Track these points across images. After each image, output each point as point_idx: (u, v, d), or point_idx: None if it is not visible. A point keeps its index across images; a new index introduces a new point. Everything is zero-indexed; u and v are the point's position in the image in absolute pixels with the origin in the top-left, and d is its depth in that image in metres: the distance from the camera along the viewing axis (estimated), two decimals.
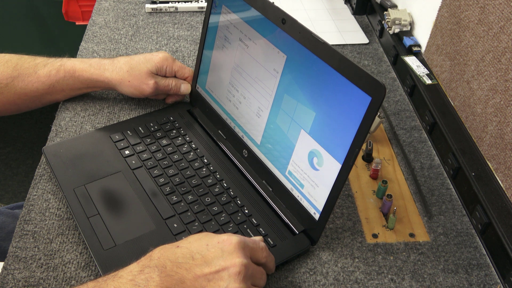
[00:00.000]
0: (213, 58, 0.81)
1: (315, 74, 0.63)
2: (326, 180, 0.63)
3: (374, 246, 0.69)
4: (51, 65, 0.80)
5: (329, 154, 0.62)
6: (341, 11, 1.19)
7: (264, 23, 0.69)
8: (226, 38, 0.77)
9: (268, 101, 0.70)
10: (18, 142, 2.19)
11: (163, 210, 0.69)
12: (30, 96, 0.81)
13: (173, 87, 0.84)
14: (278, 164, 0.71)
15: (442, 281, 0.65)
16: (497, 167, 0.71)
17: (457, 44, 0.82)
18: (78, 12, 1.56)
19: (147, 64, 0.81)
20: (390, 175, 0.79)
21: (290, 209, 0.70)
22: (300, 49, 0.64)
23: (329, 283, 0.64)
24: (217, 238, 0.54)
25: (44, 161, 0.76)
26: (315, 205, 0.66)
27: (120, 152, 0.76)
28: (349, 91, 0.59)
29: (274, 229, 0.68)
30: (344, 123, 0.60)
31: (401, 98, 0.95)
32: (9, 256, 0.64)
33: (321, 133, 0.63)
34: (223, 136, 0.80)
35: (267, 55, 0.69)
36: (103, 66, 0.81)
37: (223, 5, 0.76)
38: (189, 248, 0.53)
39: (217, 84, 0.81)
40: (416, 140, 0.86)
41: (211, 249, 0.53)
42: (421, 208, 0.74)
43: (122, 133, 0.79)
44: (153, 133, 0.80)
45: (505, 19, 0.69)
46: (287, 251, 0.65)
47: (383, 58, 1.06)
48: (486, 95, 0.74)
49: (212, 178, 0.74)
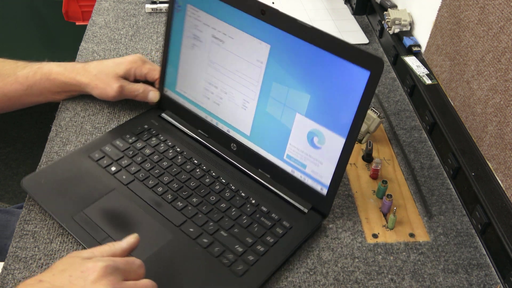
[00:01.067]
0: (182, 59, 0.79)
1: (306, 59, 0.65)
2: (330, 155, 0.66)
3: (374, 246, 0.69)
4: (30, 68, 0.82)
5: (331, 131, 0.65)
6: (341, 11, 1.19)
7: (240, 16, 0.69)
8: (196, 37, 0.75)
9: (254, 92, 0.71)
10: (18, 142, 2.19)
11: (173, 217, 0.67)
12: (9, 97, 0.82)
13: (140, 94, 0.82)
14: (273, 151, 0.72)
15: (442, 281, 0.65)
16: (497, 167, 0.71)
17: (457, 44, 0.82)
18: (78, 12, 1.56)
19: (116, 68, 0.82)
20: (390, 175, 0.79)
21: (294, 191, 0.71)
22: (285, 36, 0.65)
23: (329, 283, 0.64)
24: (81, 267, 0.51)
25: (35, 187, 0.70)
26: (321, 181, 0.68)
27: (107, 170, 0.73)
28: (346, 70, 0.61)
29: (284, 212, 0.70)
30: (343, 100, 0.63)
31: (401, 98, 0.95)
32: (9, 256, 0.64)
33: (319, 113, 0.66)
34: (205, 134, 0.80)
35: (247, 48, 0.70)
36: (76, 70, 0.83)
37: (188, 4, 0.74)
38: (51, 283, 0.50)
39: (191, 84, 0.79)
40: (416, 140, 0.86)
41: (74, 281, 0.49)
42: (421, 208, 0.74)
43: (101, 150, 0.75)
44: (132, 144, 0.77)
45: (505, 19, 0.69)
46: (303, 230, 0.68)
47: (383, 58, 1.06)
48: (486, 95, 0.74)
49: (209, 177, 0.74)
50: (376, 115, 0.80)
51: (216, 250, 0.64)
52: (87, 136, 0.81)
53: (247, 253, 0.64)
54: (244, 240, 0.65)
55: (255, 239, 0.65)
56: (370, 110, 0.81)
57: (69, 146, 0.79)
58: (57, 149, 0.78)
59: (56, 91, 0.84)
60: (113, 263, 0.51)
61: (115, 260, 0.52)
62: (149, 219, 0.67)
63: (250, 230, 0.67)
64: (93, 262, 0.51)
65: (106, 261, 0.51)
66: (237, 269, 0.62)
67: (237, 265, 0.62)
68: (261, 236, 0.66)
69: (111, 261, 0.52)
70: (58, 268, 0.52)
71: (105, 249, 0.55)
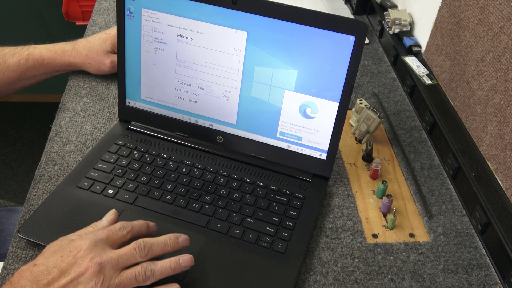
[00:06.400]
0: (144, 66, 0.76)
1: (288, 37, 0.67)
2: (325, 122, 0.71)
3: (374, 246, 0.69)
4: (19, 55, 0.86)
5: (323, 99, 0.69)
6: (341, 11, 1.19)
7: (208, 10, 0.69)
8: (158, 40, 0.74)
9: (235, 80, 0.72)
10: (18, 142, 2.19)
11: (197, 220, 0.67)
12: (2, 83, 0.86)
13: None
14: (265, 132, 0.75)
15: (442, 281, 0.65)
16: (497, 167, 0.71)
17: (457, 44, 0.82)
18: (78, 12, 1.56)
19: (103, 44, 0.88)
20: (390, 175, 0.79)
21: (293, 164, 0.75)
22: (262, 20, 0.67)
23: (329, 283, 0.64)
24: (69, 247, 0.55)
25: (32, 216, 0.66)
26: (319, 148, 0.73)
27: (104, 195, 0.70)
28: (331, 39, 0.66)
29: (292, 186, 0.74)
30: (332, 68, 0.67)
31: (401, 98, 0.95)
32: (9, 256, 0.64)
33: (309, 85, 0.69)
34: (184, 135, 0.79)
35: (221, 39, 0.70)
36: (67, 52, 0.88)
37: (142, 8, 0.72)
38: (45, 264, 0.54)
39: (158, 88, 0.77)
40: (416, 140, 0.86)
41: (65, 260, 0.54)
42: (421, 208, 0.74)
43: (87, 178, 0.72)
44: (116, 163, 0.74)
45: (505, 19, 0.69)
46: (316, 196, 0.72)
47: (383, 58, 1.06)
48: (486, 95, 0.74)
49: (210, 174, 0.74)
50: (376, 115, 0.80)
51: (251, 236, 0.66)
52: (87, 136, 0.81)
53: (280, 231, 0.67)
54: (271, 220, 0.68)
55: (281, 217, 0.69)
56: (370, 110, 0.81)
57: (69, 146, 0.79)
58: (57, 149, 0.78)
59: (48, 72, 0.89)
60: (96, 237, 0.56)
61: (97, 233, 0.57)
62: (174, 228, 0.66)
63: (272, 210, 0.70)
64: (79, 241, 0.55)
65: (89, 237, 0.56)
66: (279, 247, 0.65)
67: (277, 244, 0.66)
68: (284, 212, 0.70)
69: (93, 235, 0.56)
70: (49, 251, 0.56)
71: (89, 230, 0.59)
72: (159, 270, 0.55)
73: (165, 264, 0.56)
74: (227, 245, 0.65)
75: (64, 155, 0.78)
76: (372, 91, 0.96)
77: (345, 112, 0.69)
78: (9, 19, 2.10)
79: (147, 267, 0.55)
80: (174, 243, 0.58)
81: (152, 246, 0.56)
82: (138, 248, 0.55)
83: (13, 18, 2.10)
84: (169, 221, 0.67)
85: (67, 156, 0.78)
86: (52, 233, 0.64)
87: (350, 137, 0.86)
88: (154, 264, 0.55)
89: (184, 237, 0.59)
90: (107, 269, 0.53)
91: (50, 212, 0.67)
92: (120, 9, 0.74)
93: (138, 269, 0.54)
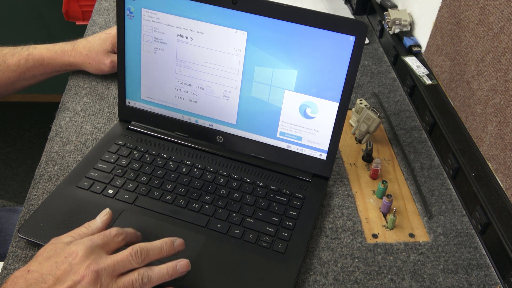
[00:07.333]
0: (144, 66, 0.76)
1: (288, 37, 0.67)
2: (325, 122, 0.71)
3: (374, 246, 0.69)
4: (19, 55, 0.86)
5: (323, 99, 0.70)
6: (341, 11, 1.19)
7: (208, 10, 0.69)
8: (158, 40, 0.74)
9: (235, 80, 0.72)
10: (18, 142, 2.19)
11: (197, 220, 0.67)
12: (2, 84, 0.86)
13: None
14: (265, 132, 0.75)
15: (442, 281, 0.65)
16: (497, 167, 0.71)
17: (457, 44, 0.82)
18: (78, 12, 1.56)
19: (103, 44, 0.88)
20: (390, 175, 0.79)
21: (293, 164, 0.75)
22: (262, 20, 0.67)
23: (329, 283, 0.64)
24: (64, 252, 0.53)
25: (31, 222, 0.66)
26: (319, 148, 0.73)
27: (104, 195, 0.70)
28: (331, 39, 0.66)
29: (292, 186, 0.74)
30: (332, 68, 0.67)
31: (401, 98, 0.95)
32: (9, 256, 0.64)
33: (309, 85, 0.69)
34: (184, 135, 0.79)
35: (221, 39, 0.70)
36: (67, 52, 0.88)
37: (142, 8, 0.72)
38: (39, 271, 0.52)
39: (158, 88, 0.77)
40: (416, 140, 0.86)
41: (61, 267, 0.52)
42: (421, 208, 0.74)
43: (87, 178, 0.72)
44: (116, 163, 0.74)
45: (505, 19, 0.69)
46: (316, 196, 0.72)
47: (383, 58, 1.06)
48: (486, 95, 0.74)
49: (210, 174, 0.74)
50: (376, 115, 0.80)
51: (251, 236, 0.66)
52: (87, 136, 0.81)
53: (280, 231, 0.67)
54: (271, 220, 0.68)
55: (281, 217, 0.69)
56: (370, 110, 0.81)
57: (69, 146, 0.79)
58: (57, 149, 0.78)
59: (48, 72, 0.89)
60: (92, 242, 0.54)
61: (93, 239, 0.55)
62: (175, 228, 0.66)
63: (272, 210, 0.70)
64: (74, 246, 0.54)
65: (85, 243, 0.54)
66: (279, 247, 0.65)
67: (276, 244, 0.65)
68: (284, 212, 0.70)
69: (89, 241, 0.55)
70: (43, 256, 0.54)
71: (83, 231, 0.58)
72: (156, 276, 0.54)
73: (162, 270, 0.55)
74: (227, 245, 0.65)
75: (64, 155, 0.78)
76: (372, 91, 0.96)
77: (345, 112, 0.69)
78: (9, 19, 2.10)
79: (144, 274, 0.54)
80: (170, 248, 0.57)
81: (149, 252, 0.55)
82: (134, 255, 0.54)
83: (13, 18, 2.10)
84: (169, 221, 0.67)
85: (67, 156, 0.78)
86: (52, 233, 0.64)
87: (350, 137, 0.86)
88: (151, 270, 0.55)
89: (179, 242, 0.58)
90: (104, 277, 0.52)
91: (50, 212, 0.67)
92: (120, 9, 0.74)
93: (135, 276, 0.54)
